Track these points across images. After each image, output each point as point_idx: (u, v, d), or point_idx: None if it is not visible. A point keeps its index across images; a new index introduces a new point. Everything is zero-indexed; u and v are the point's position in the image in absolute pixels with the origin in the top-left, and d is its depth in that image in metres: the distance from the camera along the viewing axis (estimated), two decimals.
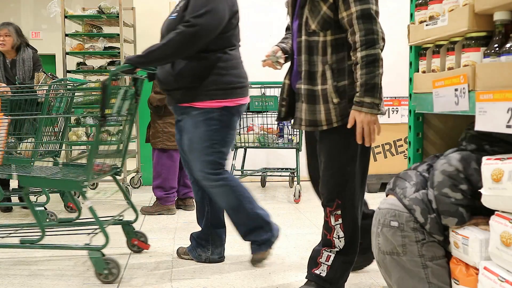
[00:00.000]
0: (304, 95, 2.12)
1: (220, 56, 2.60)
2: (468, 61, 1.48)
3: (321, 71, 2.07)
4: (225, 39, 2.61)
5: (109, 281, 2.48)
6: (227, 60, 2.62)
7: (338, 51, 2.06)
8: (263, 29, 5.43)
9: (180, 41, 2.49)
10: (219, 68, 2.59)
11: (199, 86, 2.57)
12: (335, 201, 2.11)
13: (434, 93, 1.62)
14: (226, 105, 2.59)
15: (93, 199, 4.78)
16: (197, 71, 2.58)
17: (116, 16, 4.87)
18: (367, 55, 1.95)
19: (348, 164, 2.09)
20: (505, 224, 1.27)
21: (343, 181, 2.10)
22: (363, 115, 1.96)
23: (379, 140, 4.75)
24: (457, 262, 1.51)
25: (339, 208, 2.11)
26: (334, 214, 2.12)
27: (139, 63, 2.54)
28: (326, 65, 2.06)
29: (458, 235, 1.48)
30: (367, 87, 1.95)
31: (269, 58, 2.30)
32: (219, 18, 2.53)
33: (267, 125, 4.82)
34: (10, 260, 2.88)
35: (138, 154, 5.44)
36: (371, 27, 1.96)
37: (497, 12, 1.37)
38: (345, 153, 2.08)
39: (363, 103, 1.95)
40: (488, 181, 1.32)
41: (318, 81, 2.08)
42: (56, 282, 2.54)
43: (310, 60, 2.09)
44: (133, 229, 3.00)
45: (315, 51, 2.08)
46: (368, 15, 1.96)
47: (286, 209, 4.26)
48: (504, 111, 1.23)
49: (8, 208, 4.17)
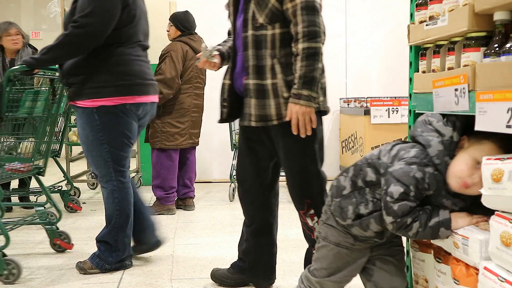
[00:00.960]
0: (252, 90, 2.09)
1: (103, 53, 2.52)
2: (468, 61, 1.48)
3: (270, 65, 2.05)
4: (113, 35, 2.52)
5: (10, 281, 2.48)
6: (111, 56, 2.53)
7: (287, 45, 2.04)
8: None
9: (69, 43, 2.45)
10: (98, 66, 2.52)
11: (79, 84, 2.52)
12: (305, 202, 2.11)
13: (434, 93, 1.62)
14: (103, 104, 2.51)
15: (93, 199, 4.78)
16: (81, 68, 2.52)
17: None
18: (308, 48, 1.96)
19: (310, 163, 2.10)
20: (505, 224, 1.27)
21: (308, 180, 2.10)
22: (298, 107, 1.98)
23: (379, 140, 4.75)
24: (457, 262, 1.51)
25: (311, 207, 2.11)
26: (308, 215, 2.12)
27: (32, 64, 2.52)
28: (275, 59, 2.05)
29: (458, 235, 1.48)
30: (305, 80, 1.96)
31: (203, 55, 2.22)
32: (108, 15, 2.45)
33: None
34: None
35: (138, 154, 5.44)
36: (314, 19, 1.97)
37: (497, 12, 1.37)
38: (305, 152, 2.08)
39: (301, 96, 1.97)
40: (488, 181, 1.32)
41: (267, 75, 2.06)
42: (56, 282, 2.54)
43: (258, 54, 2.07)
44: (56, 229, 2.99)
45: (263, 45, 2.06)
46: (312, 7, 1.97)
47: (286, 209, 4.25)
48: (504, 111, 1.23)
49: (8, 208, 4.16)
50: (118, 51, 2.55)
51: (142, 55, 2.67)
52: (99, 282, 2.52)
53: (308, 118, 2.00)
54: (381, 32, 5.73)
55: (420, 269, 1.78)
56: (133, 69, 2.57)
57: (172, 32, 4.16)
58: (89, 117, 2.53)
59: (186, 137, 4.11)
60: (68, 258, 2.89)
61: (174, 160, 4.09)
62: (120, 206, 2.61)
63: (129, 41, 2.58)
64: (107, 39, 2.49)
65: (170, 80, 3.92)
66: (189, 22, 4.11)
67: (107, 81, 2.51)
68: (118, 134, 2.57)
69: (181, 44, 4.01)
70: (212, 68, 2.27)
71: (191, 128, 4.13)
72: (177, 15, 4.18)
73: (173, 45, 4.00)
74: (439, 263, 1.62)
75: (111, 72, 2.52)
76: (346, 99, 5.49)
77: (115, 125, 2.55)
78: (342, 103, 5.58)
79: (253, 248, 2.36)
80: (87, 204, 4.47)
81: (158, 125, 4.05)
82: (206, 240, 3.29)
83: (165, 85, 3.92)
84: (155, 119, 4.07)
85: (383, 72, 5.76)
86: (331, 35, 5.69)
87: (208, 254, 3.00)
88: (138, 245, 2.81)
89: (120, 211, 2.61)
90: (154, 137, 4.06)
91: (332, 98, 5.53)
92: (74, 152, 5.43)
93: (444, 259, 1.59)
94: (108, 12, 2.45)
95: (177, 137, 4.05)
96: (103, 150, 2.56)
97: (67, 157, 4.85)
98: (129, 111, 2.56)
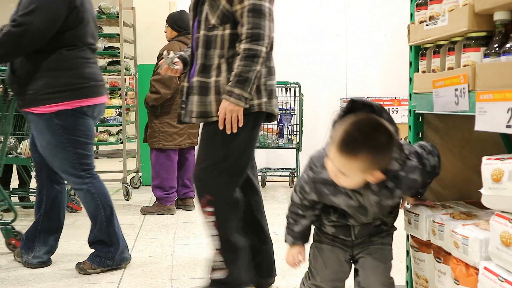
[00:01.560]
0: (196, 87, 2.12)
1: (54, 57, 2.51)
2: (468, 61, 1.48)
3: (216, 64, 2.09)
4: (62, 39, 2.51)
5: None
6: (62, 60, 2.52)
7: (235, 46, 2.07)
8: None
9: (8, 43, 2.42)
10: (52, 70, 2.51)
11: (34, 90, 2.50)
12: (205, 197, 2.11)
13: (434, 93, 1.62)
14: (62, 108, 2.51)
15: None
16: (30, 74, 2.51)
17: (116, 16, 4.87)
18: (249, 49, 2.00)
19: (223, 160, 2.09)
20: (505, 224, 1.27)
21: (216, 177, 2.10)
22: (227, 103, 2.01)
23: None
24: (457, 262, 1.51)
25: (211, 204, 2.11)
26: (205, 210, 2.13)
27: None
28: (223, 58, 2.08)
29: (458, 234, 1.48)
30: (239, 79, 2.00)
31: (165, 62, 2.27)
32: (51, 15, 2.43)
33: (267, 125, 4.82)
34: (10, 260, 2.88)
35: (138, 154, 5.44)
36: (259, 22, 2.00)
37: (497, 12, 1.37)
38: (224, 148, 2.09)
39: (232, 93, 2.01)
40: (488, 181, 1.32)
41: (212, 73, 2.09)
42: (56, 282, 2.54)
43: (207, 54, 2.10)
44: (12, 228, 2.99)
45: (212, 45, 2.09)
46: (259, 10, 2.01)
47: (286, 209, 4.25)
48: (504, 111, 1.23)
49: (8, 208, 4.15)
50: (70, 55, 2.54)
51: (92, 57, 2.68)
52: (99, 282, 2.52)
53: (235, 115, 2.03)
54: (381, 32, 5.73)
55: (420, 269, 1.78)
56: (87, 72, 2.59)
57: (169, 32, 4.16)
58: (48, 122, 2.52)
59: (185, 137, 4.11)
60: (69, 259, 2.89)
61: (173, 160, 4.09)
62: (101, 200, 2.63)
63: (78, 43, 2.57)
64: (57, 42, 2.49)
65: (168, 80, 3.91)
66: (184, 21, 4.09)
67: (63, 86, 2.51)
68: (79, 135, 2.58)
69: (178, 44, 4.01)
70: (174, 74, 2.32)
71: (189, 128, 4.13)
72: (172, 16, 4.17)
73: (171, 45, 4.00)
74: (439, 263, 1.62)
75: (66, 77, 2.53)
76: (346, 99, 5.49)
77: (75, 126, 2.56)
78: (342, 103, 5.58)
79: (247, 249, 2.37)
80: None
81: (157, 125, 4.04)
82: (206, 240, 3.28)
83: (163, 85, 3.92)
84: (153, 119, 4.06)
85: (383, 72, 5.76)
86: (331, 35, 5.73)
87: (208, 254, 2.99)
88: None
89: (102, 205, 2.63)
90: (153, 137, 4.06)
91: (332, 98, 5.55)
92: None
93: (444, 259, 1.59)
94: (49, 12, 2.42)
95: (175, 137, 4.05)
96: (69, 152, 2.56)
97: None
98: (86, 112, 2.59)
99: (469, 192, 1.90)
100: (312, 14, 5.65)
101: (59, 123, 2.52)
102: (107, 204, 2.65)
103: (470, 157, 1.91)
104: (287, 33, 5.54)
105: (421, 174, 1.58)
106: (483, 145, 1.86)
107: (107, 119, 5.09)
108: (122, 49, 4.91)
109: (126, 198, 4.71)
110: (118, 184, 5.10)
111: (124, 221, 3.87)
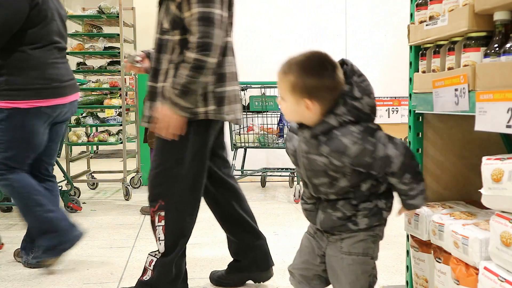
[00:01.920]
0: (148, 92, 2.13)
1: (17, 55, 2.51)
2: (468, 61, 1.48)
3: (165, 69, 2.07)
4: (24, 37, 2.50)
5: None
6: (26, 60, 2.53)
7: (184, 52, 2.04)
8: (263, 30, 5.45)
9: None
10: (14, 68, 2.52)
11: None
12: (158, 202, 2.11)
13: (434, 93, 1.62)
14: (17, 106, 2.51)
15: (93, 199, 4.78)
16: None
17: (116, 16, 4.87)
18: (196, 59, 1.95)
19: (175, 166, 2.09)
20: (505, 224, 1.27)
21: (168, 183, 2.10)
22: (164, 108, 2.01)
23: None
24: (457, 262, 1.51)
25: (162, 209, 2.11)
26: (157, 214, 2.12)
27: None
28: (172, 64, 2.06)
29: (458, 234, 1.48)
30: (180, 88, 1.96)
31: (128, 60, 2.27)
32: (11, 12, 2.43)
33: (267, 125, 4.82)
34: (10, 260, 2.88)
35: (138, 154, 5.44)
36: (208, 31, 1.94)
37: (497, 12, 1.37)
38: (175, 154, 2.09)
39: (171, 101, 1.99)
40: (488, 181, 1.32)
41: (160, 78, 2.08)
42: (56, 282, 2.54)
43: (158, 58, 2.09)
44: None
45: (163, 49, 2.08)
46: (207, 18, 1.94)
47: (286, 209, 4.26)
48: (504, 111, 1.23)
49: (8, 208, 4.16)
50: (34, 54, 2.55)
51: (59, 56, 2.66)
52: (99, 282, 2.52)
53: (167, 121, 2.01)
54: (381, 32, 5.73)
55: (420, 269, 1.78)
56: (49, 73, 2.59)
57: None
58: None
59: None
60: (68, 258, 2.89)
61: None
62: (25, 191, 2.60)
63: (43, 42, 2.57)
64: (20, 40, 2.49)
65: None
66: None
67: (23, 85, 2.52)
68: (27, 135, 2.57)
69: None
70: (140, 72, 2.31)
71: None
72: None
73: None
74: (439, 263, 1.62)
75: (27, 76, 2.53)
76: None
77: (25, 126, 2.55)
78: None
79: (239, 246, 2.40)
80: (87, 204, 4.46)
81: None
82: (206, 240, 3.29)
83: None
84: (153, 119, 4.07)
85: (383, 72, 5.76)
86: (331, 35, 5.72)
87: (208, 254, 3.00)
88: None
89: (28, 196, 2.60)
90: (152, 137, 4.05)
91: None
92: (74, 152, 5.45)
93: (444, 259, 1.59)
94: (9, 8, 2.42)
95: None
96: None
97: (67, 157, 4.86)
98: (43, 113, 2.58)
99: (469, 192, 1.90)
100: (312, 14, 5.65)
101: (8, 120, 2.52)
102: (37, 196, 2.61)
103: (470, 157, 1.90)
104: (287, 33, 5.54)
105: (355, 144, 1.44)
106: (483, 145, 1.86)
107: (107, 119, 5.09)
108: (122, 49, 4.91)
109: (126, 198, 4.70)
110: (118, 184, 5.10)
111: (124, 221, 3.87)
